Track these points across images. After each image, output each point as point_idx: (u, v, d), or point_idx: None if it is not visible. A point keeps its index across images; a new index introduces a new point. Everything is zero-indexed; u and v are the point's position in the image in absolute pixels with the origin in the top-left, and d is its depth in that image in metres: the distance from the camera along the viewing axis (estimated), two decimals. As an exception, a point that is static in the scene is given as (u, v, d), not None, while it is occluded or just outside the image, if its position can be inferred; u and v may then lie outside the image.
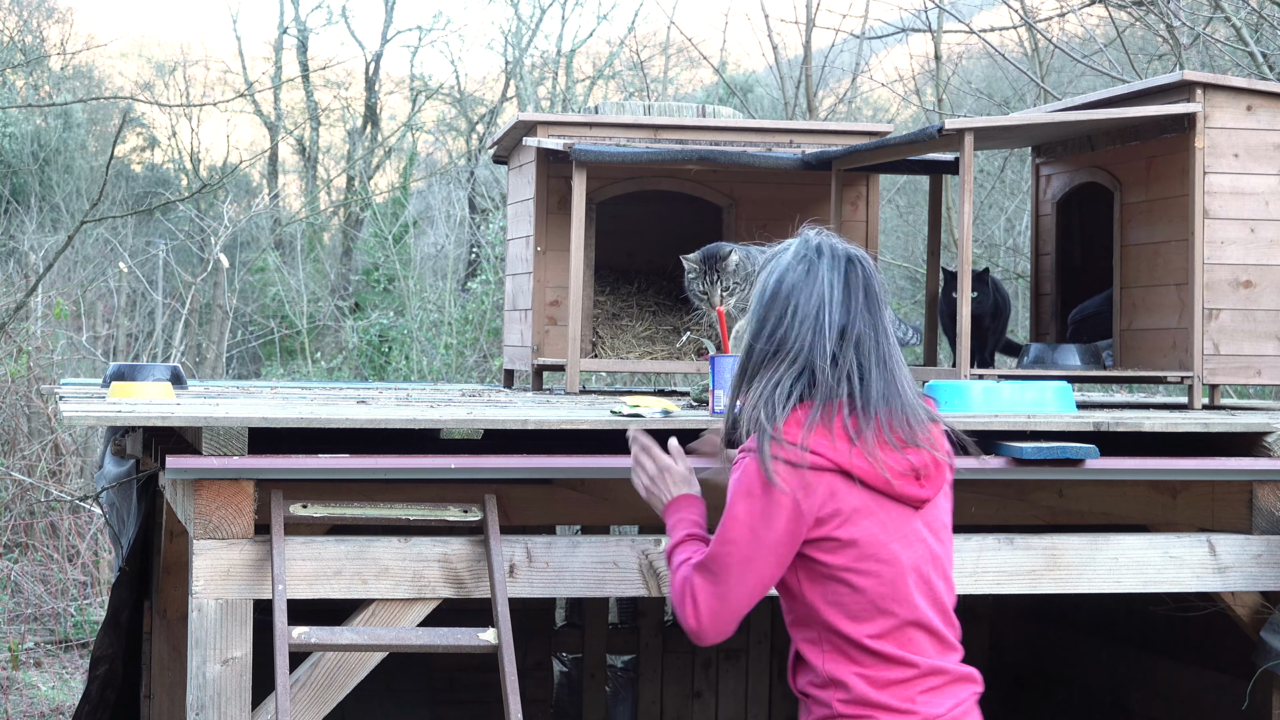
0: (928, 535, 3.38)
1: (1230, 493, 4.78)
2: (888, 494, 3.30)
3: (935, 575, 3.40)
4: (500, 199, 18.26)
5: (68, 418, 4.31)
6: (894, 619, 3.33)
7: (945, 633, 3.40)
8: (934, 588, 3.39)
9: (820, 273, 3.31)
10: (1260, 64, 9.00)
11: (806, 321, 3.29)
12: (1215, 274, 5.50)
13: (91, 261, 17.01)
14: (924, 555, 3.37)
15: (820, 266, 3.31)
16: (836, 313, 3.28)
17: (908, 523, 3.35)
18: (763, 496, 3.25)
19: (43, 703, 8.96)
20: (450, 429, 4.38)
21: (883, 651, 3.32)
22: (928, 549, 3.38)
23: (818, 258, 3.32)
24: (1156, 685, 6.90)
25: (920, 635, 3.36)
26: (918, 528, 3.36)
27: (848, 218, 6.63)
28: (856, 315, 3.30)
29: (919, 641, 3.35)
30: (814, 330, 3.28)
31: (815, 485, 3.26)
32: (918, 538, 3.36)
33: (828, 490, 3.27)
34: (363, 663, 4.21)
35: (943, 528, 3.45)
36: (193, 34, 38.89)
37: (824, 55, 13.19)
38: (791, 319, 3.29)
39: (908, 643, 3.34)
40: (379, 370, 15.35)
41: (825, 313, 3.28)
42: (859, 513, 3.29)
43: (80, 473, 11.57)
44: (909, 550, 3.35)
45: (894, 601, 3.33)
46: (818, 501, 3.26)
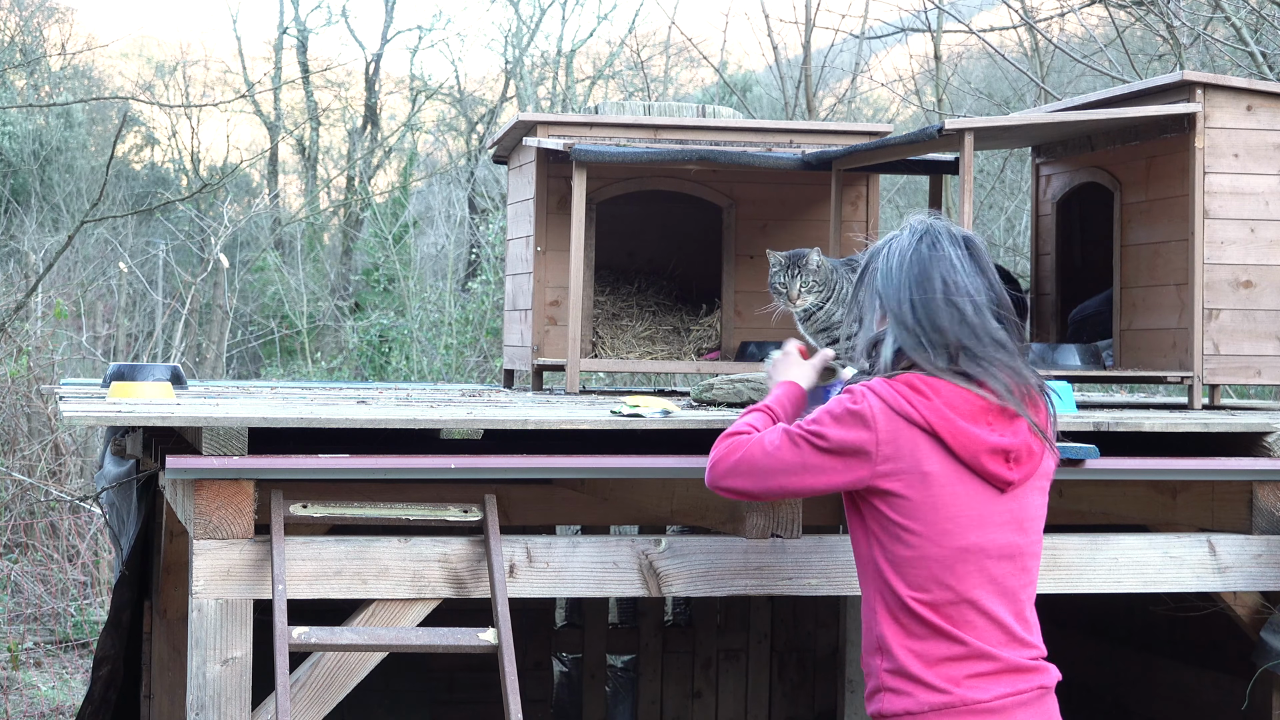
0: (1011, 522, 3.40)
1: (1230, 493, 4.78)
2: (974, 469, 3.36)
3: (1011, 564, 3.40)
4: (500, 199, 18.26)
5: (68, 418, 4.31)
6: (951, 593, 3.34)
7: (1010, 623, 3.39)
8: (1006, 576, 3.39)
9: (944, 249, 3.45)
10: (1260, 64, 9.00)
11: (929, 295, 3.42)
12: (1215, 274, 5.50)
13: (91, 261, 17.01)
14: (1001, 540, 3.39)
15: (942, 243, 3.45)
16: (961, 285, 3.41)
17: (990, 504, 3.38)
18: (847, 419, 3.38)
19: (43, 703, 8.96)
20: (450, 429, 4.38)
21: (932, 622, 3.34)
22: (1008, 535, 3.39)
23: (938, 237, 3.46)
24: (1156, 685, 6.90)
25: (978, 618, 3.36)
26: (1001, 511, 3.39)
27: (848, 218, 6.63)
28: (974, 290, 3.42)
29: (976, 623, 3.35)
30: (937, 304, 3.41)
31: (900, 436, 3.35)
32: (998, 521, 3.38)
33: (911, 444, 3.35)
34: (363, 663, 4.21)
35: (1030, 519, 3.46)
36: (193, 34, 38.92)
37: (823, 55, 13.19)
38: (914, 292, 3.43)
39: (962, 622, 3.35)
40: (379, 370, 15.35)
41: (947, 287, 3.41)
42: (937, 478, 3.35)
43: (80, 473, 11.57)
44: (983, 531, 3.37)
45: (954, 577, 3.35)
46: (896, 451, 3.35)
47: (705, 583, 4.37)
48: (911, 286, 3.44)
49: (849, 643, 7.39)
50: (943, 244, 3.46)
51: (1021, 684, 3.36)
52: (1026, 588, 3.45)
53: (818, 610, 7.90)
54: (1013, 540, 3.41)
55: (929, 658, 3.34)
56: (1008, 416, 3.40)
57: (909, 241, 3.49)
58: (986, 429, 3.37)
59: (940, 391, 3.38)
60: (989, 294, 3.44)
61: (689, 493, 4.61)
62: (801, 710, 7.97)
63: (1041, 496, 3.50)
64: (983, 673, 3.34)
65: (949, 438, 3.35)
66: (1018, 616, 3.42)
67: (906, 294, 3.45)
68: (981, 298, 3.43)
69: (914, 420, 3.36)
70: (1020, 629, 3.41)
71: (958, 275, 3.43)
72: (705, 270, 6.83)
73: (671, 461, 4.27)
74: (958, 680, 3.33)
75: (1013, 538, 3.41)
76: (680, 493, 4.64)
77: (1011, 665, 3.36)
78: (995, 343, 3.41)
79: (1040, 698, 3.38)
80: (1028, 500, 3.45)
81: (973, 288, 3.43)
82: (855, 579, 4.36)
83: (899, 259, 3.48)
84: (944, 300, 3.42)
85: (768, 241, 6.72)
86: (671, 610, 8.07)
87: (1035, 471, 3.45)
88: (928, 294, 3.43)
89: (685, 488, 4.62)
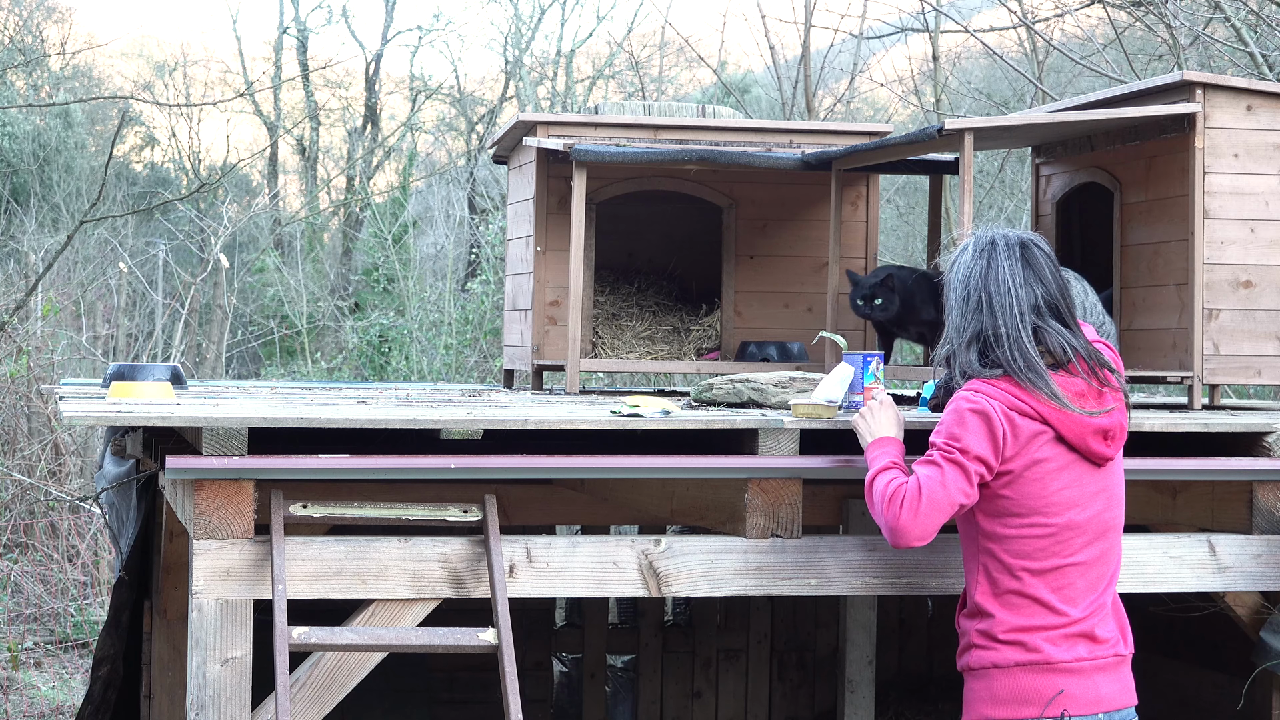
0: (1103, 494, 3.73)
1: (1230, 493, 4.78)
2: (1081, 450, 3.68)
3: (1103, 540, 3.72)
4: (500, 199, 18.26)
5: (68, 418, 4.31)
6: (1055, 561, 3.66)
7: (1103, 591, 3.70)
8: (1098, 549, 3.71)
9: (999, 261, 3.75)
10: (1260, 64, 9.00)
11: (998, 304, 3.73)
12: (1215, 274, 5.50)
13: (91, 261, 17.00)
14: (1096, 515, 3.71)
15: (998, 256, 3.76)
16: (1022, 292, 3.72)
17: (1094, 480, 3.72)
18: (971, 419, 3.66)
19: (43, 703, 8.96)
20: (450, 429, 4.38)
21: (1028, 592, 3.65)
22: (1101, 510, 3.72)
23: (993, 250, 3.77)
24: (1156, 685, 6.90)
25: (1078, 583, 3.67)
26: (1098, 487, 3.72)
27: (847, 218, 6.63)
28: (1041, 290, 3.74)
29: (1069, 591, 3.67)
30: (1003, 309, 3.72)
31: (1017, 427, 3.65)
32: (1094, 496, 3.71)
33: (1027, 435, 3.66)
34: (363, 663, 4.21)
35: (1118, 491, 3.80)
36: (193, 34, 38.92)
37: (822, 55, 13.18)
38: (980, 304, 3.74)
39: (1056, 588, 3.66)
40: (379, 370, 15.35)
41: (1011, 293, 3.72)
42: (1049, 463, 3.66)
43: (80, 473, 11.57)
44: (1083, 508, 3.69)
45: (1058, 544, 3.66)
46: (1016, 441, 3.65)
47: (705, 583, 4.37)
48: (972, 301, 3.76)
49: (849, 643, 7.38)
50: (998, 256, 3.75)
51: (1099, 650, 3.68)
52: (1115, 554, 3.78)
53: (818, 610, 7.90)
54: (1106, 514, 3.75)
55: (1019, 624, 3.66)
56: (1100, 396, 3.73)
57: (970, 258, 3.80)
58: (1087, 409, 3.70)
59: (1037, 386, 3.68)
60: (1046, 297, 3.74)
61: (689, 493, 4.61)
62: (801, 710, 7.96)
63: (1121, 467, 3.84)
64: (1066, 635, 3.66)
65: (1059, 425, 3.66)
66: (1108, 582, 3.74)
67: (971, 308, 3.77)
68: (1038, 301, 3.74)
69: (1026, 413, 3.66)
70: (1107, 595, 3.73)
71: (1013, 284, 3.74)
72: (705, 270, 6.83)
73: (671, 461, 4.27)
74: (1042, 640, 3.65)
75: (1106, 511, 3.75)
76: (680, 493, 4.64)
77: (1089, 632, 3.67)
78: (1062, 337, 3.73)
79: (1117, 665, 3.71)
80: (1116, 472, 3.80)
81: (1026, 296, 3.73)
82: (855, 579, 4.38)
83: (962, 275, 3.79)
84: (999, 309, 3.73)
85: (768, 242, 6.72)
86: (671, 610, 8.07)
87: (1121, 445, 3.81)
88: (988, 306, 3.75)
89: (685, 488, 4.62)
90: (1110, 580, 3.76)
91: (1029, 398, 3.67)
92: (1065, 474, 3.69)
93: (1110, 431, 3.73)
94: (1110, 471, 3.79)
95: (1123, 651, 3.74)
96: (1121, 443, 3.79)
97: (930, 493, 3.65)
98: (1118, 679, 3.71)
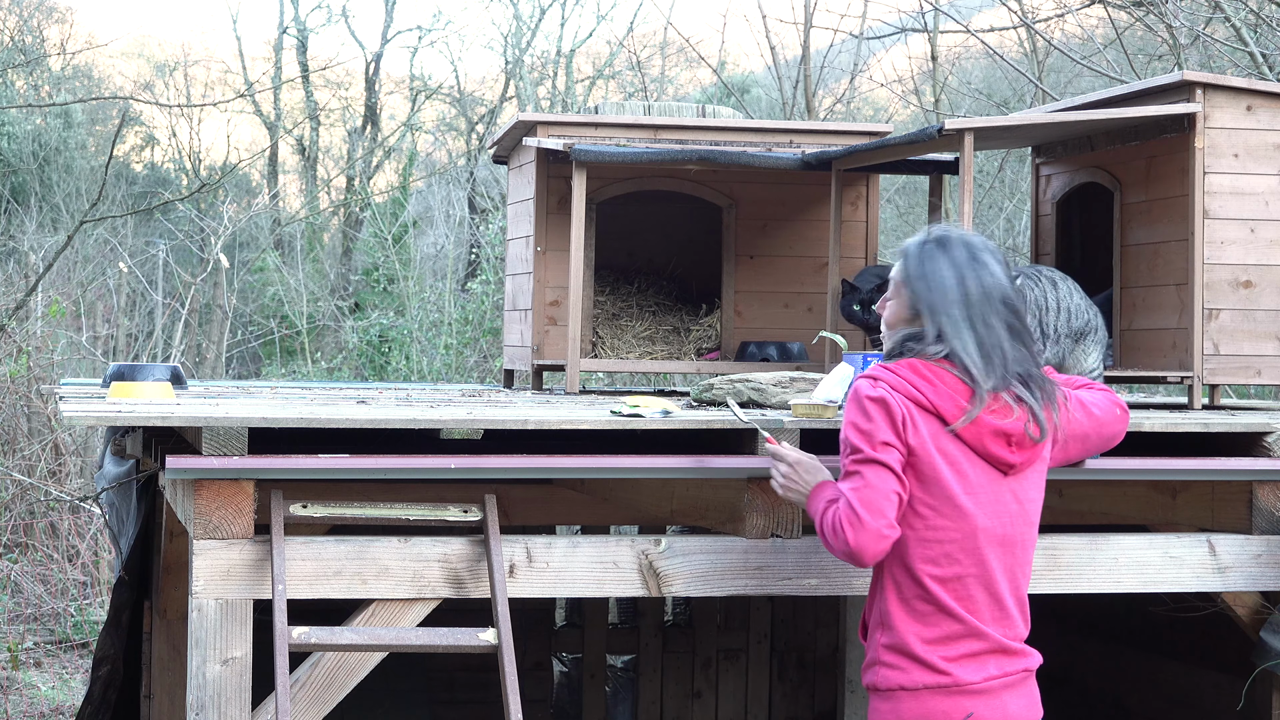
0: (1014, 505, 3.62)
1: (1230, 493, 4.78)
2: (979, 451, 3.58)
3: (1012, 547, 3.62)
4: (500, 199, 18.25)
5: (68, 418, 4.31)
6: (958, 570, 3.56)
7: (1008, 604, 3.61)
8: (1007, 557, 3.61)
9: (938, 257, 3.71)
10: (1260, 64, 9.00)
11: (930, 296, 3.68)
12: (1215, 274, 5.50)
13: (91, 261, 17.00)
14: (1005, 523, 3.61)
15: (938, 251, 3.72)
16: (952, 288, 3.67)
17: (1000, 489, 3.61)
18: (872, 407, 3.58)
19: (43, 703, 8.96)
20: (450, 429, 4.38)
21: (937, 598, 3.56)
22: (1010, 519, 3.62)
23: (936, 246, 3.74)
24: (1156, 685, 6.90)
25: (980, 594, 3.58)
26: (1005, 495, 3.61)
27: (848, 218, 6.63)
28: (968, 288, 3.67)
29: (976, 600, 3.57)
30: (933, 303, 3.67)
31: (913, 417, 3.57)
32: (1002, 504, 3.61)
33: (925, 426, 3.57)
34: (363, 663, 4.21)
35: (1030, 504, 3.69)
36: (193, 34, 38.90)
37: (822, 55, 13.18)
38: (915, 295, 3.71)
39: (965, 598, 3.57)
40: (379, 370, 15.35)
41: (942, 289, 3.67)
42: (949, 459, 3.57)
43: (80, 473, 11.56)
44: (989, 513, 3.59)
45: (963, 551, 3.57)
46: (915, 430, 3.57)
47: (705, 583, 4.37)
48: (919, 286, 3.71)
49: (849, 643, 7.39)
50: (950, 248, 3.72)
51: (1009, 665, 3.59)
52: (1024, 570, 3.68)
53: (818, 610, 7.90)
54: (1014, 523, 3.63)
55: (928, 636, 3.56)
56: (1007, 402, 3.62)
57: (916, 247, 3.77)
58: (988, 412, 3.59)
59: (943, 377, 3.61)
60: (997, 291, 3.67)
61: (689, 493, 4.61)
62: (801, 710, 7.97)
63: (1040, 484, 3.73)
64: (976, 653, 3.57)
65: (954, 420, 3.57)
66: (1015, 597, 3.64)
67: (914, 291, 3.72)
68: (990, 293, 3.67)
69: (923, 405, 3.59)
70: (1015, 609, 3.64)
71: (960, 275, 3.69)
72: (705, 270, 6.83)
73: (671, 461, 4.27)
74: (951, 660, 3.56)
75: (1014, 521, 3.64)
76: (680, 493, 4.64)
77: (1001, 646, 3.58)
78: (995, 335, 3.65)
79: (1024, 680, 3.63)
80: (1028, 485, 3.68)
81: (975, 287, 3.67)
82: (855, 578, 4.37)
83: (914, 262, 3.75)
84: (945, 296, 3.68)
85: (767, 242, 6.72)
86: (671, 610, 8.07)
87: (1036, 458, 3.68)
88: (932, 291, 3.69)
89: (685, 488, 4.62)
90: (1019, 595, 3.65)
91: (928, 388, 3.59)
92: (967, 476, 3.58)
93: (1012, 436, 3.61)
94: (1023, 483, 3.65)
95: (1031, 666, 3.65)
96: (1033, 456, 3.66)
97: (862, 499, 3.55)
98: (1025, 693, 3.64)
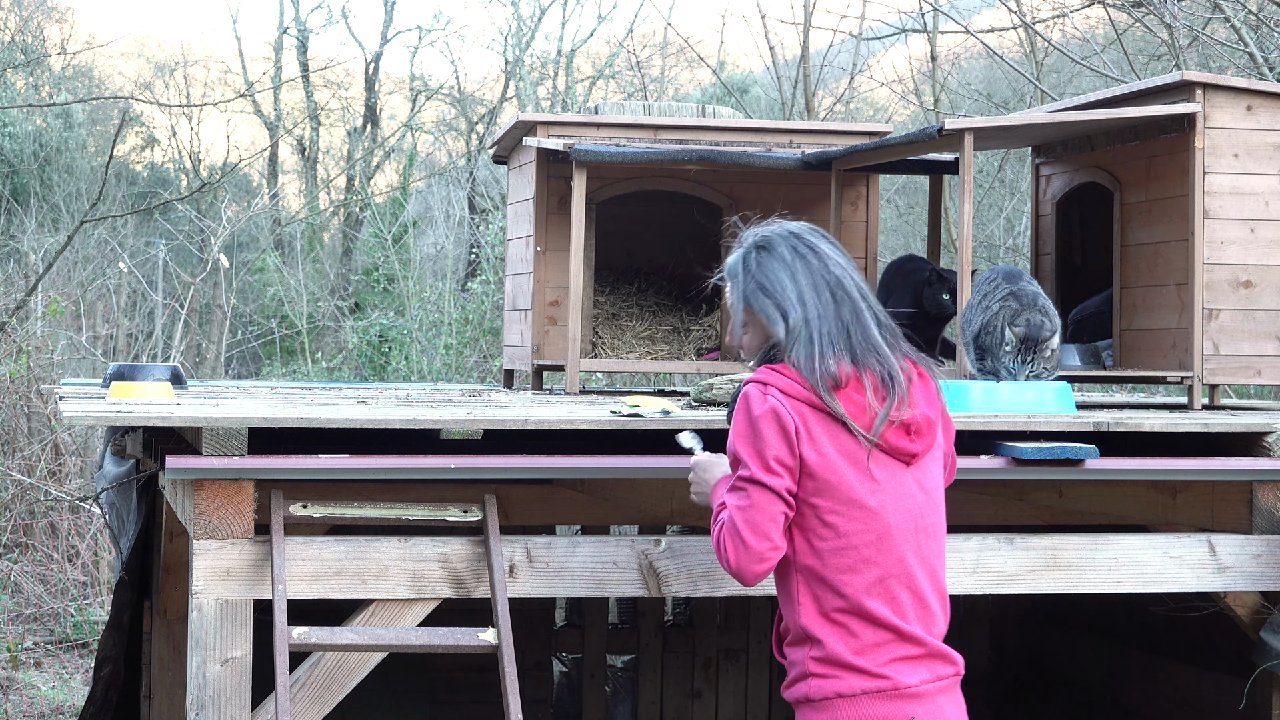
0: (921, 493, 3.46)
1: (1230, 493, 4.78)
2: (881, 446, 3.40)
3: (926, 537, 3.45)
4: (500, 199, 18.26)
5: (68, 418, 4.32)
6: (877, 571, 3.38)
7: (930, 597, 3.45)
8: (923, 548, 3.44)
9: (766, 262, 3.53)
10: (1260, 64, 9.00)
11: (779, 302, 3.48)
12: (1215, 274, 5.50)
13: (91, 261, 16.99)
14: (915, 513, 3.43)
15: (765, 257, 3.53)
16: (790, 287, 3.48)
17: (905, 480, 3.43)
18: (762, 422, 3.39)
19: (43, 703, 8.96)
20: (450, 429, 4.38)
21: (861, 605, 3.38)
22: (919, 508, 3.44)
23: (760, 252, 3.54)
24: (1156, 685, 6.90)
25: (902, 592, 3.41)
26: (911, 485, 3.44)
27: (848, 218, 6.63)
28: (813, 281, 3.48)
29: (900, 599, 3.40)
30: (783, 308, 3.48)
31: (808, 421, 3.39)
32: (910, 495, 3.43)
33: (821, 429, 3.39)
34: (363, 663, 4.21)
35: (935, 490, 3.53)
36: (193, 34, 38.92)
37: (821, 56, 13.18)
38: (762, 310, 3.50)
39: (889, 599, 3.40)
40: (379, 370, 15.34)
41: (783, 291, 3.49)
42: (850, 459, 3.39)
43: (80, 473, 11.56)
44: (899, 507, 3.42)
45: (879, 552, 3.39)
46: (810, 437, 3.38)
47: (705, 583, 4.37)
48: (761, 301, 3.53)
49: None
50: (774, 248, 3.55)
51: (941, 670, 3.45)
52: (940, 560, 3.53)
53: (817, 610, 7.90)
54: (924, 514, 3.47)
55: (857, 646, 3.40)
56: (894, 391, 3.46)
57: (739, 263, 3.59)
58: (881, 404, 3.43)
59: (818, 375, 3.44)
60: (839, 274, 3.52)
61: (689, 493, 4.61)
62: (801, 710, 7.97)
63: (940, 467, 3.58)
64: (909, 657, 3.41)
65: (854, 416, 3.40)
66: (936, 590, 3.49)
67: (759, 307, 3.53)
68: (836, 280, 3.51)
69: (815, 404, 3.41)
70: (937, 604, 3.48)
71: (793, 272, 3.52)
72: (705, 270, 6.82)
73: (671, 461, 4.27)
74: (886, 664, 3.40)
75: (924, 511, 3.47)
76: (680, 493, 4.63)
77: (932, 651, 3.44)
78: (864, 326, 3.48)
79: (954, 684, 3.48)
80: (930, 471, 3.52)
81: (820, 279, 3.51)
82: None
83: (744, 279, 3.57)
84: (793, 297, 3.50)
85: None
86: (671, 610, 8.07)
87: (934, 441, 3.52)
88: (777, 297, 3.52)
89: (685, 488, 4.61)
90: (940, 588, 3.49)
91: (798, 388, 3.41)
92: (871, 474, 3.40)
93: (912, 425, 3.44)
94: (925, 471, 3.48)
95: (960, 672, 3.50)
96: (930, 439, 3.49)
97: (746, 520, 3.40)
98: (957, 700, 3.49)
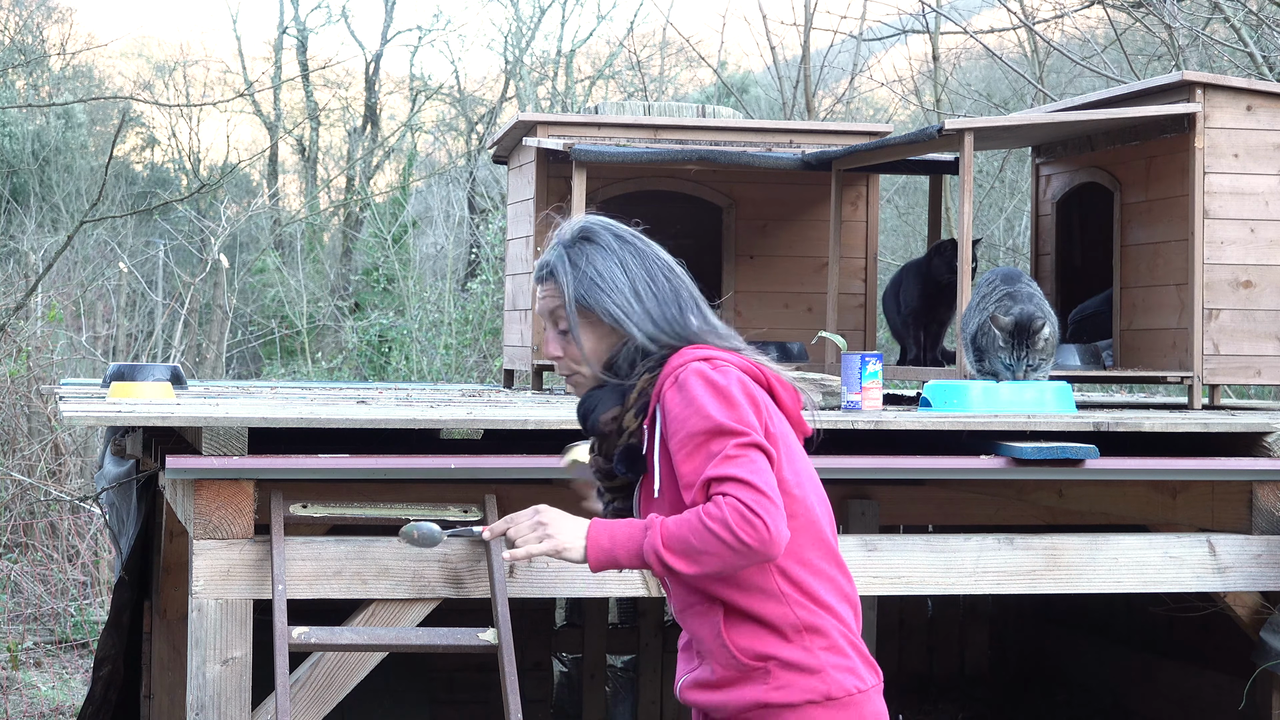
0: (819, 478, 3.15)
1: (1230, 493, 4.78)
2: (797, 428, 3.14)
3: (833, 527, 3.14)
4: (500, 199, 18.26)
5: (68, 418, 4.31)
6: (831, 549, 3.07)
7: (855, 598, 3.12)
8: (833, 535, 3.13)
9: (597, 249, 3.27)
10: (1260, 64, 9.00)
11: (617, 291, 3.22)
12: (1215, 274, 5.50)
13: (91, 261, 17.00)
14: (826, 502, 3.12)
15: (591, 245, 3.27)
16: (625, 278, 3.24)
17: (807, 462, 3.13)
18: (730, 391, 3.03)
19: (42, 703, 8.96)
20: (450, 429, 4.38)
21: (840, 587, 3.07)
22: (825, 495, 3.13)
23: (583, 244, 3.26)
24: (1156, 685, 6.90)
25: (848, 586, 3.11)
26: (813, 470, 3.14)
27: (847, 218, 6.63)
28: (647, 268, 3.29)
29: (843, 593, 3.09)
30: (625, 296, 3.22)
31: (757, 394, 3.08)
32: (816, 481, 3.14)
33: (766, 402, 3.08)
34: (363, 663, 4.21)
35: None
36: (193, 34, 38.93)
37: (822, 56, 13.19)
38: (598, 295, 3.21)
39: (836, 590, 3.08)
40: (379, 370, 15.35)
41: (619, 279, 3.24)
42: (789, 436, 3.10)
43: (80, 473, 11.56)
44: (818, 495, 3.11)
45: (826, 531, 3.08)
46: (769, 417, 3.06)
47: (705, 583, 4.36)
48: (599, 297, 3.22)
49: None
50: (597, 237, 3.32)
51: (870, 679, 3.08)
52: None
53: (817, 610, 7.89)
54: (826, 500, 3.14)
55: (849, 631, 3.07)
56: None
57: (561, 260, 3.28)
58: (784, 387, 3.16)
59: None
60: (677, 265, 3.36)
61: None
62: (801, 710, 7.96)
63: None
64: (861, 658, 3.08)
65: (782, 391, 3.12)
66: (851, 588, 3.16)
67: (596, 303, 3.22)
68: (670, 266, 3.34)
69: (757, 378, 3.09)
70: (848, 587, 3.14)
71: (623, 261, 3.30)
72: (705, 270, 6.83)
73: (671, 461, 4.26)
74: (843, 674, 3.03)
75: (825, 498, 3.15)
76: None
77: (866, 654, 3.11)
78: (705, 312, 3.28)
79: (878, 693, 3.13)
80: None
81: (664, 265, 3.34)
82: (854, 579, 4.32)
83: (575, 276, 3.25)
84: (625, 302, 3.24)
85: (767, 242, 6.72)
86: (671, 612, 8.07)
87: None
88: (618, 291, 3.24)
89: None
90: (852, 587, 3.15)
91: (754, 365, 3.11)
92: (795, 459, 3.07)
93: (802, 406, 3.18)
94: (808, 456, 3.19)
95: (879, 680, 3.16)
96: None
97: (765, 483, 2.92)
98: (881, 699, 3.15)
